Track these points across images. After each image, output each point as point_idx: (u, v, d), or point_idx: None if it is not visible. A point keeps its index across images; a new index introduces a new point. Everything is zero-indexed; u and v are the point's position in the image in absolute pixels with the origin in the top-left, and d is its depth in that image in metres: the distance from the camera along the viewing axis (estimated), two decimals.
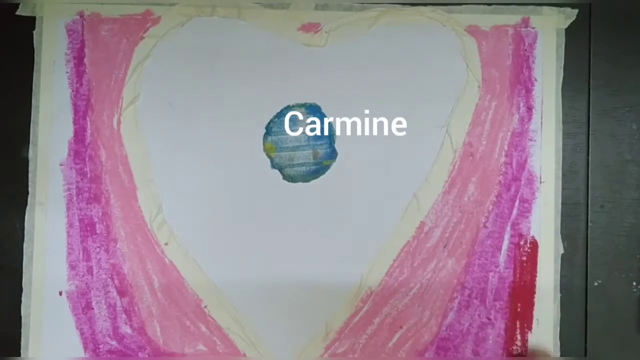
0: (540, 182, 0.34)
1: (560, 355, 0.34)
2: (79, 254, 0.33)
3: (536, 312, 0.34)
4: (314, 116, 0.34)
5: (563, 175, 0.34)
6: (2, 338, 0.33)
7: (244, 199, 0.34)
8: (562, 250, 0.34)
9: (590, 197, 0.34)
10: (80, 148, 0.34)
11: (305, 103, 0.34)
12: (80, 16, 0.34)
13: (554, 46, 0.34)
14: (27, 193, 0.33)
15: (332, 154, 0.34)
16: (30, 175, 0.33)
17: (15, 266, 0.33)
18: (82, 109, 0.34)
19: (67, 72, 0.34)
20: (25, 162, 0.34)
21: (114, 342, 0.33)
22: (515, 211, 0.34)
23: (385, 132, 0.34)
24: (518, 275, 0.34)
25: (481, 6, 0.34)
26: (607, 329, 0.34)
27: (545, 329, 0.34)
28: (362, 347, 0.34)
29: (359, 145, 0.34)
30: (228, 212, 0.34)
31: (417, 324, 0.34)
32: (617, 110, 0.34)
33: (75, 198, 0.33)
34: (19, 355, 0.33)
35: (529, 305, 0.34)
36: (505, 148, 0.34)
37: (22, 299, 0.33)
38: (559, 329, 0.34)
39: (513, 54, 0.34)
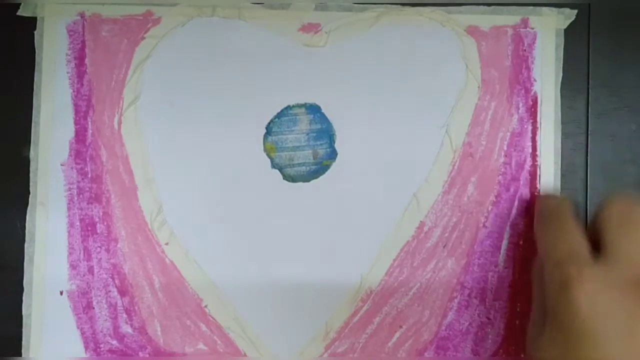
0: (540, 183, 0.34)
1: None
2: (80, 253, 0.33)
3: None
4: (314, 116, 0.34)
5: (562, 175, 0.34)
6: (3, 338, 0.33)
7: (244, 199, 0.34)
8: None
9: (590, 197, 0.34)
10: (81, 148, 0.34)
11: (305, 103, 0.34)
12: (81, 17, 0.34)
13: (553, 46, 0.34)
14: (28, 193, 0.33)
15: (332, 154, 0.34)
16: (31, 175, 0.34)
17: (16, 266, 0.33)
18: (83, 109, 0.34)
19: (67, 73, 0.34)
20: (26, 162, 0.34)
21: (114, 342, 0.33)
22: (514, 211, 0.34)
23: (385, 132, 0.34)
24: (517, 275, 0.34)
25: (480, 7, 0.34)
26: None
27: None
28: (362, 346, 0.34)
29: (359, 145, 0.34)
30: (228, 212, 0.34)
31: (417, 323, 0.34)
32: (616, 110, 0.34)
33: (76, 198, 0.34)
34: (20, 355, 0.33)
35: (529, 305, 0.34)
36: (505, 148, 0.34)
37: (23, 298, 0.33)
38: None
39: (512, 54, 0.34)
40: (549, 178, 0.34)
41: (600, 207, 0.28)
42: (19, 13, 0.34)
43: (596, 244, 0.28)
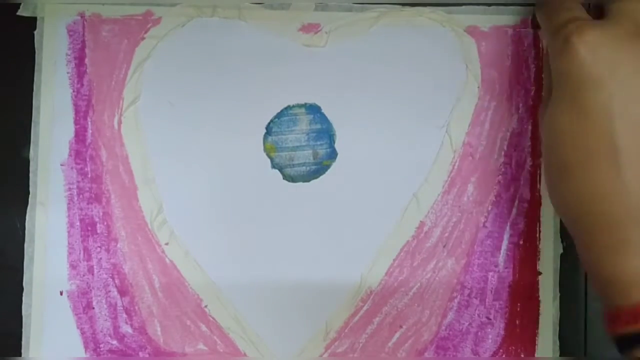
0: (539, 182, 0.34)
1: (560, 355, 0.34)
2: (80, 253, 0.33)
3: (536, 312, 0.34)
4: (314, 116, 0.34)
5: None
6: (3, 338, 0.33)
7: (244, 199, 0.34)
8: (561, 250, 0.34)
9: None
10: (81, 148, 0.34)
11: (305, 103, 0.34)
12: (81, 17, 0.34)
13: None
14: (28, 193, 0.34)
15: (332, 154, 0.34)
16: (31, 175, 0.34)
17: (16, 266, 0.33)
18: (82, 109, 0.34)
19: (67, 73, 0.34)
20: (26, 162, 0.34)
21: (114, 342, 0.33)
22: (514, 211, 0.34)
23: (385, 132, 0.34)
24: (517, 275, 0.34)
25: (480, 7, 0.34)
26: None
27: (545, 328, 0.34)
28: (362, 346, 0.34)
29: (359, 145, 0.34)
30: (228, 212, 0.34)
31: (417, 323, 0.34)
32: None
33: (76, 198, 0.34)
34: (20, 355, 0.33)
35: (529, 305, 0.34)
36: (505, 148, 0.34)
37: (23, 298, 0.33)
38: (558, 329, 0.34)
39: (512, 54, 0.34)
40: None
41: None
42: (19, 13, 0.34)
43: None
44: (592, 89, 0.25)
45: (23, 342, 0.33)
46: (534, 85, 0.34)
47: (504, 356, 0.34)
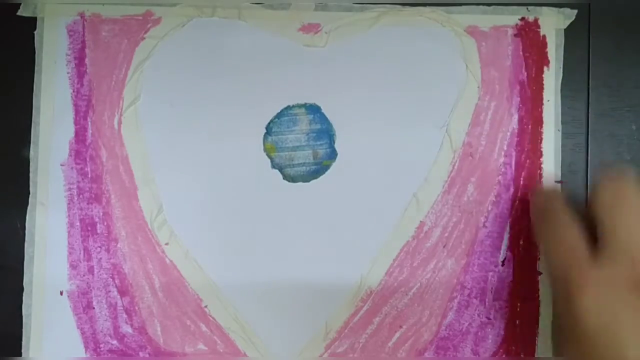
0: (540, 183, 0.34)
1: None
2: (80, 253, 0.33)
3: (536, 312, 0.34)
4: (314, 116, 0.34)
5: (562, 175, 0.34)
6: (3, 338, 0.33)
7: (244, 199, 0.34)
8: None
9: (589, 197, 0.34)
10: (81, 148, 0.34)
11: (305, 103, 0.34)
12: (81, 17, 0.34)
13: (553, 47, 0.34)
14: (28, 193, 0.34)
15: (332, 154, 0.34)
16: (31, 175, 0.34)
17: (16, 266, 0.33)
18: (83, 109, 0.34)
19: (67, 73, 0.34)
20: (26, 162, 0.34)
21: (114, 342, 0.33)
22: (514, 211, 0.34)
23: (385, 132, 0.34)
24: (517, 275, 0.34)
25: (480, 6, 0.34)
26: None
27: (545, 328, 0.34)
28: (362, 346, 0.34)
29: (359, 145, 0.34)
30: (228, 212, 0.34)
31: (417, 323, 0.34)
32: (616, 111, 0.34)
33: (76, 198, 0.34)
34: (20, 355, 0.33)
35: (529, 305, 0.34)
36: (505, 148, 0.34)
37: (23, 298, 0.33)
38: None
39: (512, 54, 0.34)
40: (549, 178, 0.34)
41: (593, 191, 0.29)
42: (19, 13, 0.34)
43: (595, 227, 0.28)
44: (600, 346, 0.26)
45: (23, 342, 0.33)
46: (534, 85, 0.34)
47: (504, 356, 0.34)
